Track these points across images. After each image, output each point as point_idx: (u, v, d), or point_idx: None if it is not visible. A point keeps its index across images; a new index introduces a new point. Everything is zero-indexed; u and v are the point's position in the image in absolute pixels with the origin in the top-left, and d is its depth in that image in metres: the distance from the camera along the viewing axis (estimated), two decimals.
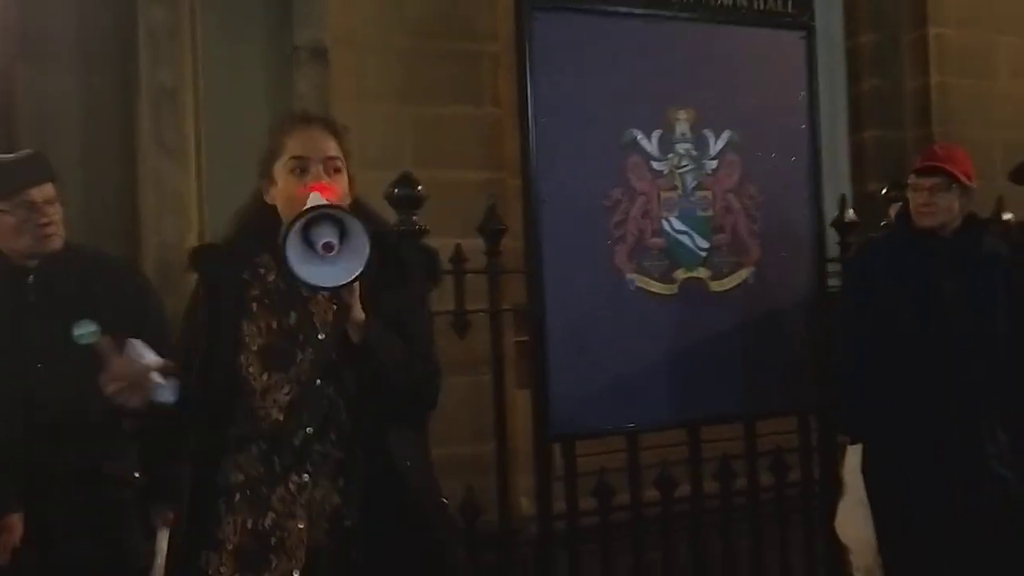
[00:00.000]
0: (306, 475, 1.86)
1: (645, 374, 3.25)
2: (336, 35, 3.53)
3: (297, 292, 1.88)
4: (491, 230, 3.13)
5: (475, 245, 3.11)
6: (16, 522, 2.30)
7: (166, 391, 1.82)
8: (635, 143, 3.27)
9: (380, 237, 1.86)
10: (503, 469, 3.12)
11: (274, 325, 1.90)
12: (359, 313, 1.82)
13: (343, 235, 1.71)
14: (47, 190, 2.43)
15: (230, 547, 1.86)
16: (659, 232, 3.29)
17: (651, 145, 3.29)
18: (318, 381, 1.88)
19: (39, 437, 2.34)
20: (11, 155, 2.55)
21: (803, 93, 3.46)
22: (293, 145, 1.94)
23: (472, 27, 3.85)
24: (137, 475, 2.42)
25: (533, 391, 3.17)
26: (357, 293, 1.81)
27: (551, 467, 3.21)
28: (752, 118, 3.39)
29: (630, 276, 3.26)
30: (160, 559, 2.39)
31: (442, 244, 2.79)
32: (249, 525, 1.86)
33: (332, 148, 1.94)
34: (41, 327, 2.38)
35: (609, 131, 3.24)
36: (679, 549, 3.31)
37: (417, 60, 3.72)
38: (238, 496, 1.87)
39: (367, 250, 1.70)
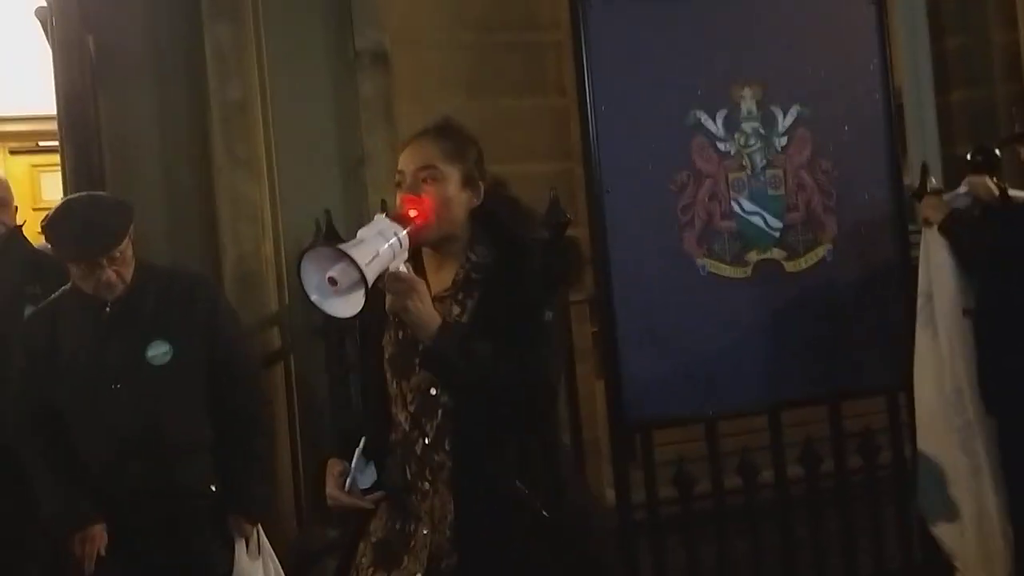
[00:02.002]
0: (427, 483, 1.91)
1: (721, 359, 3.18)
2: (397, 36, 3.55)
3: None
4: (554, 222, 3.11)
5: None
6: (99, 532, 2.40)
7: (366, 479, 1.94)
8: (699, 124, 3.20)
9: (510, 244, 1.92)
10: (579, 460, 3.11)
11: (400, 335, 1.94)
12: (425, 325, 1.83)
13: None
14: (117, 252, 2.44)
15: (374, 540, 1.96)
16: (729, 214, 3.21)
17: (716, 125, 3.21)
18: (433, 391, 1.91)
19: (118, 453, 2.43)
20: (89, 210, 2.50)
21: (875, 61, 3.32)
22: (399, 159, 1.98)
23: (534, 17, 3.83)
24: (213, 488, 2.50)
25: (606, 381, 3.15)
26: (417, 309, 1.82)
27: (634, 456, 3.19)
28: (822, 91, 3.27)
29: (701, 261, 3.19)
30: (238, 567, 2.48)
31: None
32: (389, 525, 1.95)
33: (429, 157, 1.93)
34: (118, 349, 2.47)
35: (672, 114, 3.17)
36: (765, 537, 3.24)
37: (479, 54, 3.72)
38: (387, 497, 1.94)
39: (362, 288, 1.70)
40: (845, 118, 3.30)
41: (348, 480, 1.92)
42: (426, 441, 1.92)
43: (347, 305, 1.72)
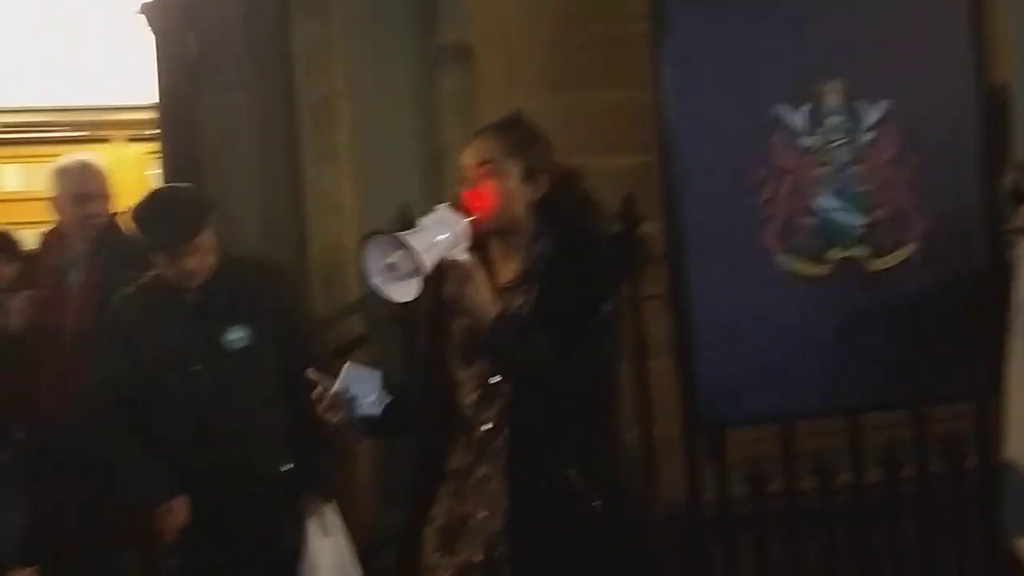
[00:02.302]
0: (486, 469, 1.96)
1: (799, 359, 3.13)
2: (480, 31, 3.60)
3: None
4: (628, 217, 3.10)
5: None
6: (180, 506, 2.54)
7: (372, 406, 1.93)
8: (780, 120, 3.14)
9: (573, 235, 1.96)
10: (650, 456, 3.11)
11: (465, 323, 1.99)
12: (481, 314, 1.88)
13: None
14: (198, 241, 2.57)
15: (436, 525, 2.01)
16: (810, 211, 3.15)
17: (798, 121, 3.15)
18: (494, 379, 1.96)
19: (197, 432, 2.56)
20: (173, 200, 2.65)
21: (969, 53, 3.19)
22: (463, 155, 2.04)
23: (618, 9, 3.81)
24: (287, 467, 2.60)
25: (679, 378, 3.13)
26: (474, 297, 1.87)
27: (712, 454, 3.17)
28: (911, 85, 3.16)
29: (779, 258, 3.14)
30: (310, 545, 2.58)
31: None
32: (451, 509, 2.00)
33: (489, 151, 1.99)
34: (198, 333, 2.60)
35: (752, 109, 3.12)
36: (840, 540, 3.18)
37: (562, 48, 3.72)
38: (449, 482, 2.01)
39: (419, 275, 1.77)
40: (935, 113, 3.18)
41: (346, 395, 1.89)
42: (486, 428, 1.96)
43: (406, 290, 1.77)
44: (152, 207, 2.59)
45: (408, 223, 3.23)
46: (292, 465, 2.62)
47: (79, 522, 3.00)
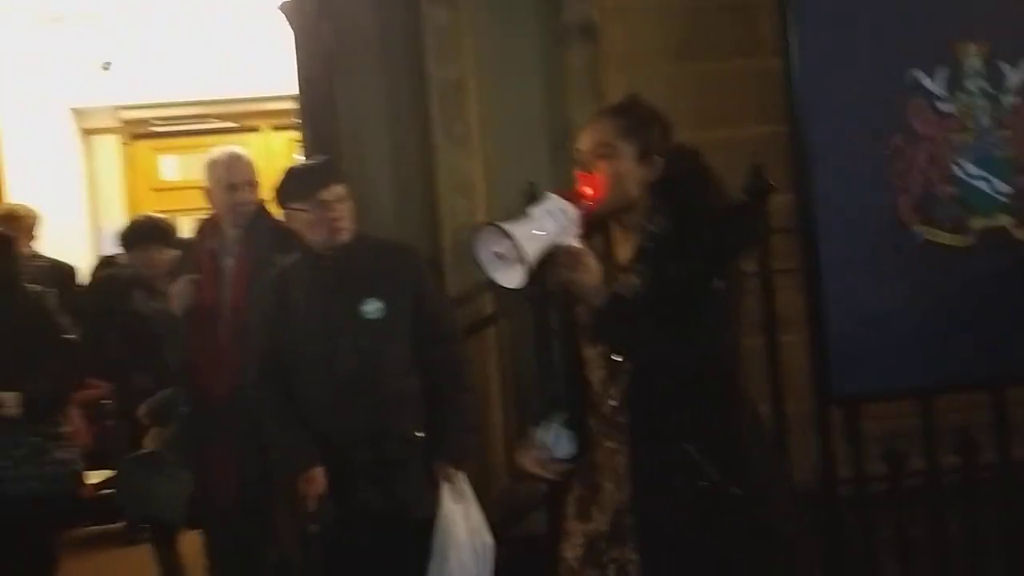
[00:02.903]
0: (613, 443, 2.03)
1: (938, 332, 3.03)
2: (604, 6, 3.60)
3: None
4: (757, 189, 3.06)
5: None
6: (319, 474, 2.68)
7: (563, 448, 2.08)
8: (917, 84, 3.04)
9: (685, 215, 1.99)
10: (781, 432, 3.07)
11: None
12: (589, 297, 1.94)
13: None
14: (337, 191, 2.76)
15: (576, 494, 2.11)
16: (949, 179, 3.04)
17: (936, 85, 3.04)
18: (617, 356, 2.02)
19: (337, 399, 2.71)
20: (307, 162, 2.92)
21: None
22: (578, 139, 2.10)
23: None
24: (420, 434, 2.72)
25: (811, 352, 3.08)
26: (582, 281, 1.92)
27: (850, 430, 3.11)
28: None
29: (917, 228, 3.05)
30: (442, 510, 2.68)
31: None
32: (586, 479, 2.08)
33: (604, 134, 2.03)
34: (338, 305, 2.75)
35: (887, 73, 3.03)
36: (984, 519, 3.06)
37: (688, 20, 3.69)
38: (585, 454, 2.09)
39: (527, 264, 1.82)
40: None
41: (541, 450, 2.06)
42: (613, 403, 2.02)
43: (513, 277, 1.84)
44: (291, 170, 2.82)
45: (534, 202, 3.33)
46: (424, 434, 2.72)
47: (239, 488, 3.19)
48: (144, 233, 4.10)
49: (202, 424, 3.24)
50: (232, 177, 3.23)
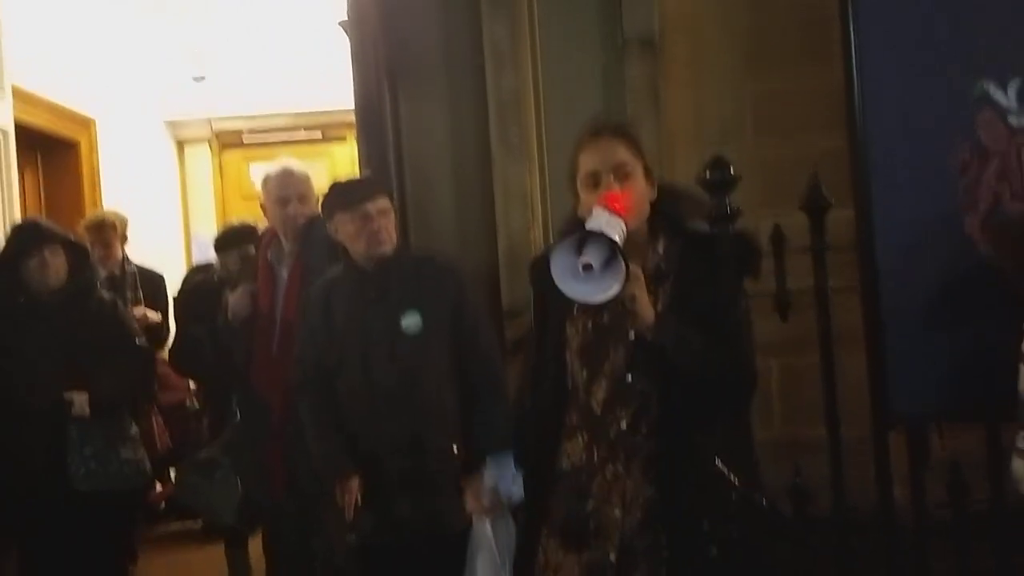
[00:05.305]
0: (620, 466, 1.99)
1: (1005, 355, 2.88)
2: (666, 20, 3.56)
3: None
4: (815, 206, 2.97)
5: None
6: (353, 484, 2.71)
7: (516, 489, 2.16)
8: (987, 96, 2.90)
9: (692, 235, 2.01)
10: (836, 455, 2.97)
11: (590, 325, 2.06)
12: (646, 314, 1.92)
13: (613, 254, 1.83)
14: (380, 203, 2.81)
15: (557, 524, 2.06)
16: (1020, 195, 2.89)
17: (1007, 97, 2.90)
18: (629, 377, 1.99)
19: (374, 410, 2.74)
20: (354, 178, 2.95)
21: None
22: (585, 160, 2.09)
23: None
24: (456, 448, 2.72)
25: (869, 374, 2.97)
26: (640, 298, 1.90)
27: (910, 454, 2.99)
28: None
29: (985, 247, 2.91)
30: (476, 523, 2.67)
31: (789, 221, 2.86)
32: (572, 507, 2.04)
33: (621, 154, 2.04)
34: (378, 317, 2.78)
35: (954, 84, 2.91)
36: None
37: (751, 32, 3.62)
38: (566, 480, 2.05)
39: (623, 276, 1.79)
40: None
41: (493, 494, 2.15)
42: (622, 426, 1.97)
43: (599, 289, 1.80)
44: (335, 185, 2.92)
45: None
46: (459, 448, 2.73)
47: (289, 492, 3.25)
48: (236, 236, 4.23)
49: (256, 430, 3.32)
50: (283, 191, 3.31)
